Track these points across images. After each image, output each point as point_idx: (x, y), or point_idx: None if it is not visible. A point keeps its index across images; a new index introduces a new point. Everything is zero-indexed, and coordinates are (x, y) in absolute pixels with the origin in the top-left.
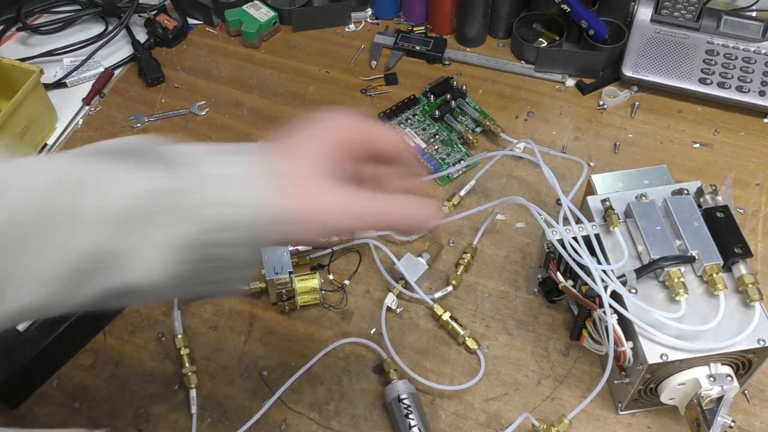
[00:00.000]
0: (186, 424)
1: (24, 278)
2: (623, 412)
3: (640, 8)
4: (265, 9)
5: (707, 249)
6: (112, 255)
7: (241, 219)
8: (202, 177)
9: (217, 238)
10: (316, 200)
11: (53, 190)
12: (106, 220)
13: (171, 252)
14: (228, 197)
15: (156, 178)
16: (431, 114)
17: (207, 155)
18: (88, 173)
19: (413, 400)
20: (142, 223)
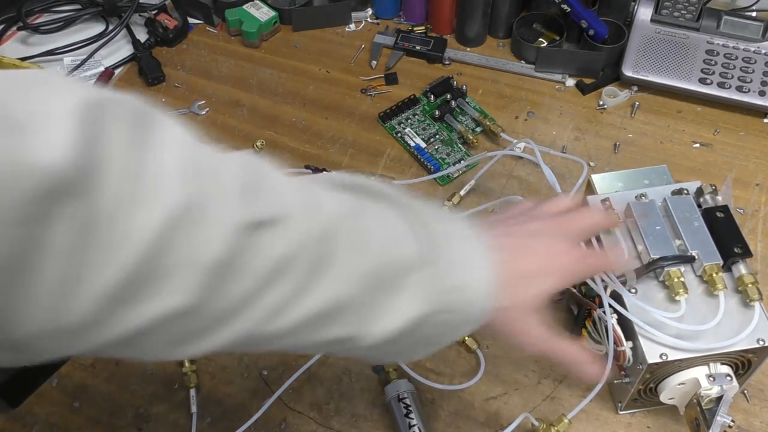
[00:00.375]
0: (186, 424)
1: (271, 313)
2: (623, 411)
3: (640, 8)
4: (266, 9)
5: (707, 249)
6: (354, 307)
7: (460, 304)
8: (444, 260)
9: (437, 318)
10: (521, 327)
11: (327, 232)
12: (366, 273)
13: (404, 319)
14: (460, 283)
15: (414, 246)
16: (431, 114)
17: (445, 237)
18: (359, 218)
19: (413, 399)
20: (395, 288)
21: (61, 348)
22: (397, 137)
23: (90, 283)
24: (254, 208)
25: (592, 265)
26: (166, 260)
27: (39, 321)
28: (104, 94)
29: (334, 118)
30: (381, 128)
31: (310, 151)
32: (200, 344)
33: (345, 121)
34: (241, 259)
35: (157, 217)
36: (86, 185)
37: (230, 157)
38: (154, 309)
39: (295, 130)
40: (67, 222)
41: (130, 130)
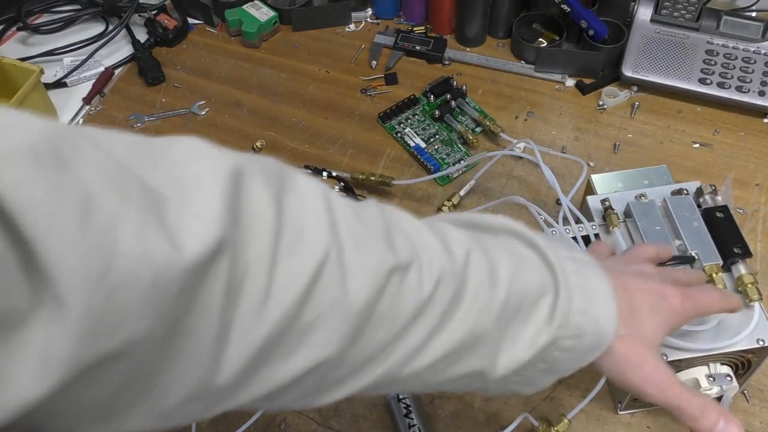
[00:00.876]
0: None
1: (411, 353)
2: (622, 411)
3: (640, 8)
4: (266, 9)
5: (707, 249)
6: (484, 342)
7: (587, 328)
8: (570, 285)
9: (564, 343)
10: (642, 357)
11: (460, 268)
12: (498, 303)
13: (530, 349)
14: (586, 307)
15: (539, 273)
16: (431, 114)
17: (568, 261)
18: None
19: (413, 399)
20: (526, 315)
21: (206, 410)
22: (397, 137)
23: (241, 341)
24: (396, 251)
25: (703, 302)
26: (314, 311)
27: (191, 383)
28: (239, 156)
29: (334, 118)
30: (381, 128)
31: (310, 151)
32: (337, 392)
33: (345, 121)
34: (386, 305)
35: (305, 267)
36: (236, 247)
37: (366, 205)
38: (300, 363)
39: (295, 130)
40: (220, 283)
41: (270, 186)
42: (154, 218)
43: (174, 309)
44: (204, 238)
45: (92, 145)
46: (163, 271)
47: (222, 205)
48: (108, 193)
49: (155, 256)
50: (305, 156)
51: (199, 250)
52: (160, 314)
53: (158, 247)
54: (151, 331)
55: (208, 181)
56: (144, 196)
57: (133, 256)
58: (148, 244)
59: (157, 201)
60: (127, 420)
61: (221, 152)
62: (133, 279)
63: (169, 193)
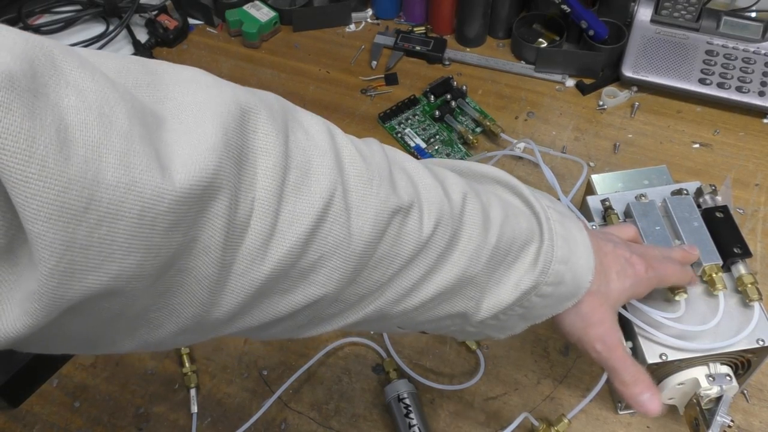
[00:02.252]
0: (186, 424)
1: (403, 293)
2: (622, 411)
3: (640, 9)
4: (266, 9)
5: (706, 249)
6: (473, 284)
7: (566, 276)
8: (554, 234)
9: (544, 289)
10: (603, 316)
11: (457, 212)
12: (489, 248)
13: (513, 292)
14: (567, 256)
15: (526, 221)
16: (431, 114)
17: (552, 211)
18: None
19: (413, 399)
20: (513, 260)
21: (197, 338)
22: (397, 137)
23: (242, 279)
24: (398, 192)
25: (665, 272)
26: (317, 251)
27: (187, 318)
28: (243, 90)
29: (334, 118)
30: (381, 128)
31: None
32: (327, 326)
33: (345, 122)
34: (387, 245)
35: (311, 206)
36: (239, 184)
37: (370, 143)
38: (297, 300)
39: None
40: (220, 222)
41: (275, 123)
42: (144, 144)
43: (166, 245)
44: (198, 170)
45: (77, 64)
46: (150, 204)
47: (221, 139)
48: (89, 119)
49: (141, 187)
50: None
51: (192, 182)
52: (151, 249)
53: (146, 175)
54: (141, 267)
55: (210, 112)
56: (133, 119)
57: (118, 187)
58: (134, 173)
59: (150, 124)
60: (115, 346)
61: (225, 84)
62: (119, 211)
63: (167, 115)
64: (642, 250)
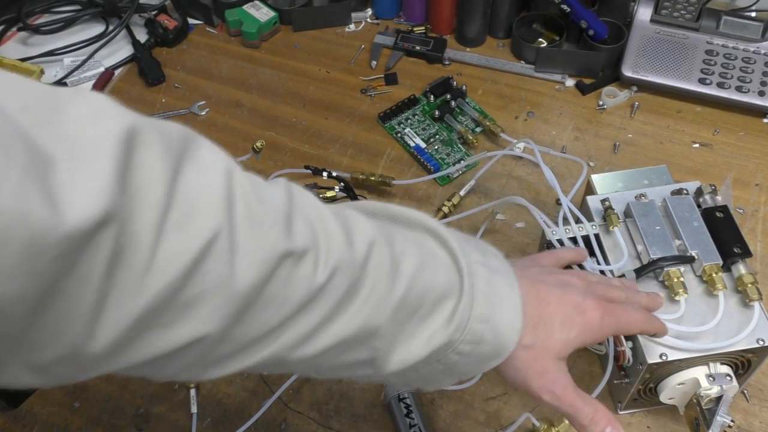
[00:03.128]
0: (186, 424)
1: (300, 340)
2: (623, 411)
3: (639, 8)
4: (266, 9)
5: (706, 249)
6: (377, 336)
7: (486, 336)
8: (475, 290)
9: (461, 347)
10: (543, 367)
11: (361, 260)
12: (397, 300)
13: (425, 348)
14: (488, 314)
15: (445, 275)
16: (431, 114)
17: (479, 266)
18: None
19: (413, 399)
20: (425, 315)
21: (83, 372)
22: (397, 137)
23: (118, 310)
24: (292, 237)
25: (624, 320)
26: (197, 287)
27: (65, 345)
28: (141, 120)
29: (334, 118)
30: (381, 128)
31: (310, 151)
32: (223, 368)
33: (345, 121)
34: (274, 289)
35: (192, 243)
36: (122, 217)
37: (272, 185)
38: (180, 336)
39: (295, 130)
40: (104, 252)
41: (167, 156)
42: (37, 180)
43: (50, 273)
44: (89, 208)
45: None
46: (39, 235)
47: (112, 174)
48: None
49: (33, 219)
50: (305, 156)
51: (82, 220)
52: (35, 276)
53: (38, 209)
54: (25, 292)
55: (103, 145)
56: (30, 157)
57: (8, 214)
58: (26, 204)
59: (44, 163)
60: (1, 372)
61: (123, 114)
62: (8, 237)
63: (59, 155)
64: (602, 292)
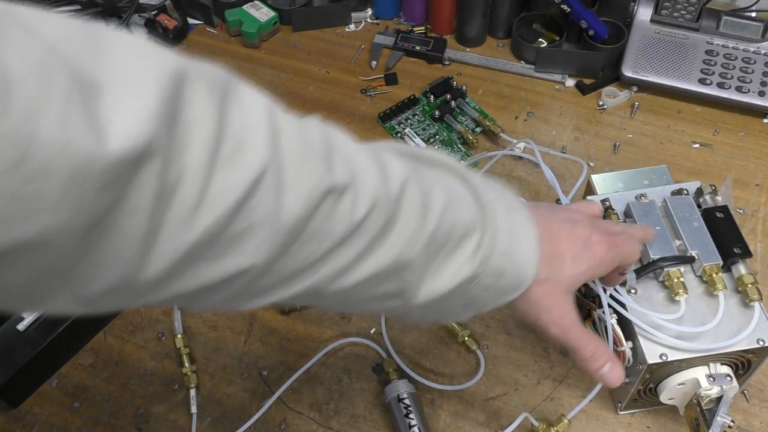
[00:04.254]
0: (186, 424)
1: (338, 272)
2: (623, 412)
3: (639, 8)
4: (266, 9)
5: (707, 249)
6: (409, 269)
7: (507, 269)
8: (497, 226)
9: (484, 280)
10: (554, 302)
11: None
12: (427, 234)
13: (451, 281)
14: (509, 249)
15: (469, 211)
16: (431, 114)
17: (499, 204)
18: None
19: (413, 399)
20: (452, 249)
21: (129, 301)
22: (397, 137)
23: (169, 243)
24: (334, 173)
25: (626, 250)
26: (246, 221)
27: (115, 277)
28: (185, 60)
29: (334, 118)
30: (381, 128)
31: None
32: (263, 299)
33: (345, 121)
34: (317, 223)
35: (242, 178)
36: (170, 151)
37: (310, 123)
38: (226, 268)
39: None
40: (150, 185)
41: (213, 94)
42: (82, 108)
43: (96, 204)
44: (133, 136)
45: (19, 26)
46: (83, 165)
47: (158, 106)
48: (30, 78)
49: (77, 148)
50: None
51: (126, 147)
52: (80, 208)
53: (81, 138)
54: (69, 224)
55: (149, 79)
56: (73, 84)
57: (53, 145)
58: (70, 134)
59: (90, 89)
60: (49, 303)
61: (165, 52)
62: (51, 169)
63: (105, 81)
64: (604, 227)
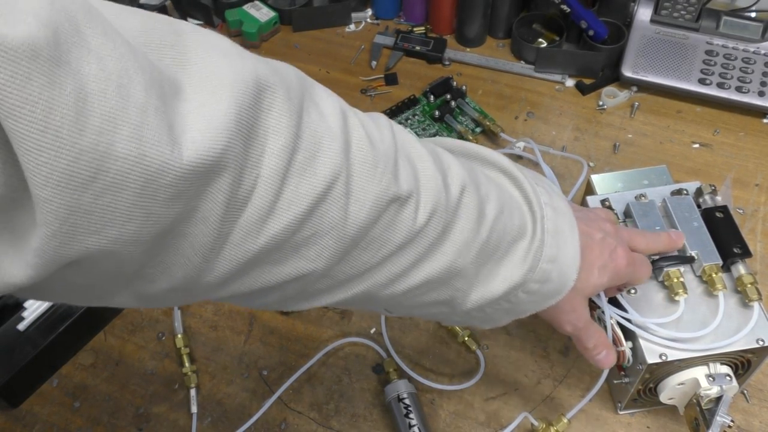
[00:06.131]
0: (186, 424)
1: (392, 278)
2: (622, 411)
3: (639, 9)
4: (266, 9)
5: (706, 249)
6: (461, 276)
7: (553, 275)
8: (546, 231)
9: (531, 286)
10: (575, 306)
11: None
12: (480, 241)
13: (500, 287)
14: (555, 255)
15: (520, 216)
16: (431, 114)
17: (548, 209)
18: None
19: (413, 399)
20: (503, 255)
21: (188, 299)
22: None
23: (236, 249)
24: (399, 181)
25: (639, 272)
26: (312, 229)
27: (179, 278)
28: (265, 63)
29: None
30: None
31: None
32: (316, 301)
33: None
34: (379, 231)
35: (313, 187)
36: (245, 160)
37: (379, 124)
38: (287, 272)
39: None
40: (222, 195)
41: (291, 101)
42: (159, 116)
43: (166, 214)
44: (208, 146)
45: (100, 30)
46: (155, 175)
47: (236, 115)
48: (108, 88)
49: (150, 159)
50: None
51: (199, 158)
52: (150, 218)
53: (156, 149)
54: (138, 233)
55: (228, 86)
56: (151, 90)
57: (128, 158)
58: (144, 146)
59: (168, 93)
60: (112, 299)
61: (247, 57)
62: (124, 182)
63: (185, 84)
64: (629, 238)
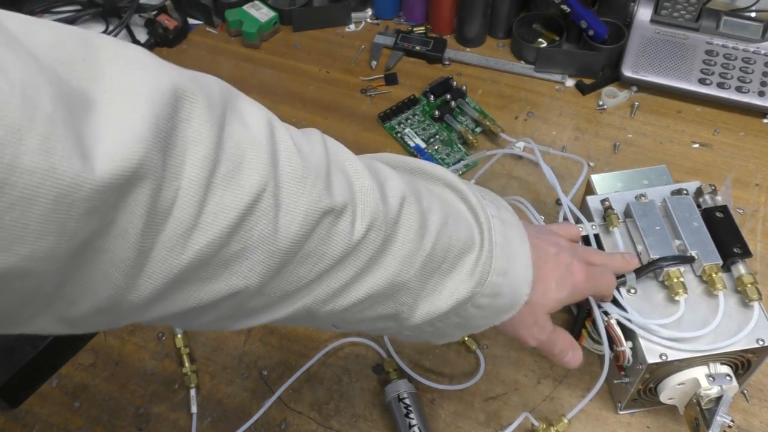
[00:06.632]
0: (186, 424)
1: (332, 294)
2: (622, 411)
3: (639, 9)
4: (266, 9)
5: (706, 249)
6: (405, 289)
7: (504, 289)
8: (494, 244)
9: (480, 300)
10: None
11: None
12: (424, 255)
13: (448, 301)
14: (505, 268)
15: (466, 229)
16: (431, 114)
17: (496, 221)
18: (420, 199)
19: (413, 399)
20: (449, 269)
21: (115, 322)
22: (397, 137)
23: (160, 265)
24: (332, 193)
25: (600, 284)
26: (240, 243)
27: (102, 298)
28: (183, 74)
29: (334, 118)
30: (381, 128)
31: None
32: (253, 320)
33: (345, 122)
34: (314, 244)
35: (239, 199)
36: (164, 172)
37: (310, 137)
38: (218, 289)
39: None
40: (141, 207)
41: (212, 110)
42: (68, 129)
43: (82, 230)
44: (122, 158)
45: (3, 42)
46: (68, 191)
47: (151, 126)
48: (12, 100)
49: (60, 174)
50: None
51: (114, 171)
52: (64, 234)
53: (66, 163)
54: (53, 250)
55: (143, 96)
56: (59, 102)
57: (35, 172)
58: (53, 159)
59: (78, 106)
60: (30, 324)
61: (165, 67)
62: (33, 197)
63: (96, 97)
64: (584, 255)
